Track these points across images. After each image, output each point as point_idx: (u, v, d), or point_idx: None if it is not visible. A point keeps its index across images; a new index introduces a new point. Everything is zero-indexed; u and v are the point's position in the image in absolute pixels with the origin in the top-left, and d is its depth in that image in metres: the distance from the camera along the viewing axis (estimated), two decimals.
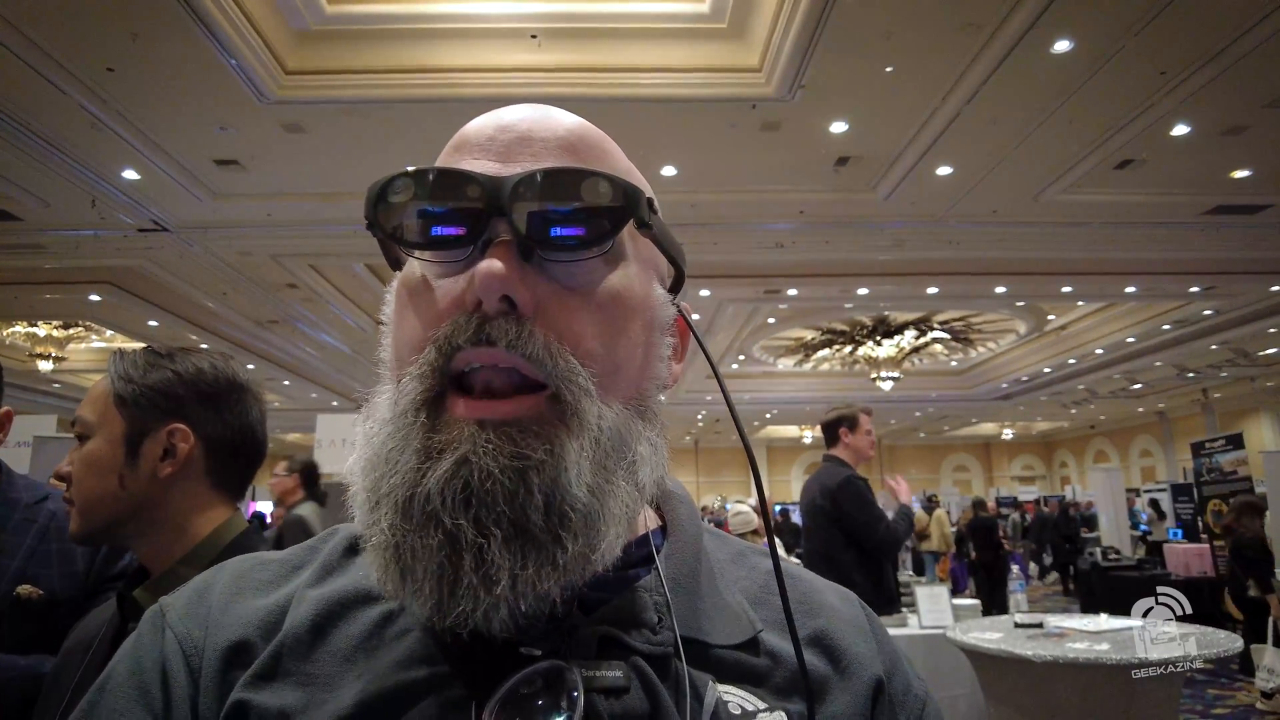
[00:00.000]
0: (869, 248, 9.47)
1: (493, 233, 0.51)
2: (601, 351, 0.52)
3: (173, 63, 5.50)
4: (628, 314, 0.55)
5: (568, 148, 0.56)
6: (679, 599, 0.56)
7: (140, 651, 0.56)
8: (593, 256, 0.53)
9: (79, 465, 1.21)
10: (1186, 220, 8.70)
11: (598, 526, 0.49)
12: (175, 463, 1.22)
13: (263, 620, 0.55)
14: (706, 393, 19.62)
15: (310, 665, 0.52)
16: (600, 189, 0.52)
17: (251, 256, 9.28)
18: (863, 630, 0.62)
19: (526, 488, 0.47)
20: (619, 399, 0.54)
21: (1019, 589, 4.42)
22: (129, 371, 1.23)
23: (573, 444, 0.49)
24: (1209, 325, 13.68)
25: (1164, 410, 23.55)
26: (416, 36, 5.80)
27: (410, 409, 0.50)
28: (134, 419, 1.21)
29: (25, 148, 6.47)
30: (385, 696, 0.49)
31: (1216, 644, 3.33)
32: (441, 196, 0.52)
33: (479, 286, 0.49)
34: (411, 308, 0.55)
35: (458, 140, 0.58)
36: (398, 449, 0.50)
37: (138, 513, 1.21)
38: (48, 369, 14.22)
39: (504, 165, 0.54)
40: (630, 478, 0.52)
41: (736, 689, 0.53)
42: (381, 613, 0.55)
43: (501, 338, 0.49)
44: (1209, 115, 6.48)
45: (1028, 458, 32.52)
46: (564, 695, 0.47)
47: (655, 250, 0.60)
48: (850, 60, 5.72)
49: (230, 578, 0.60)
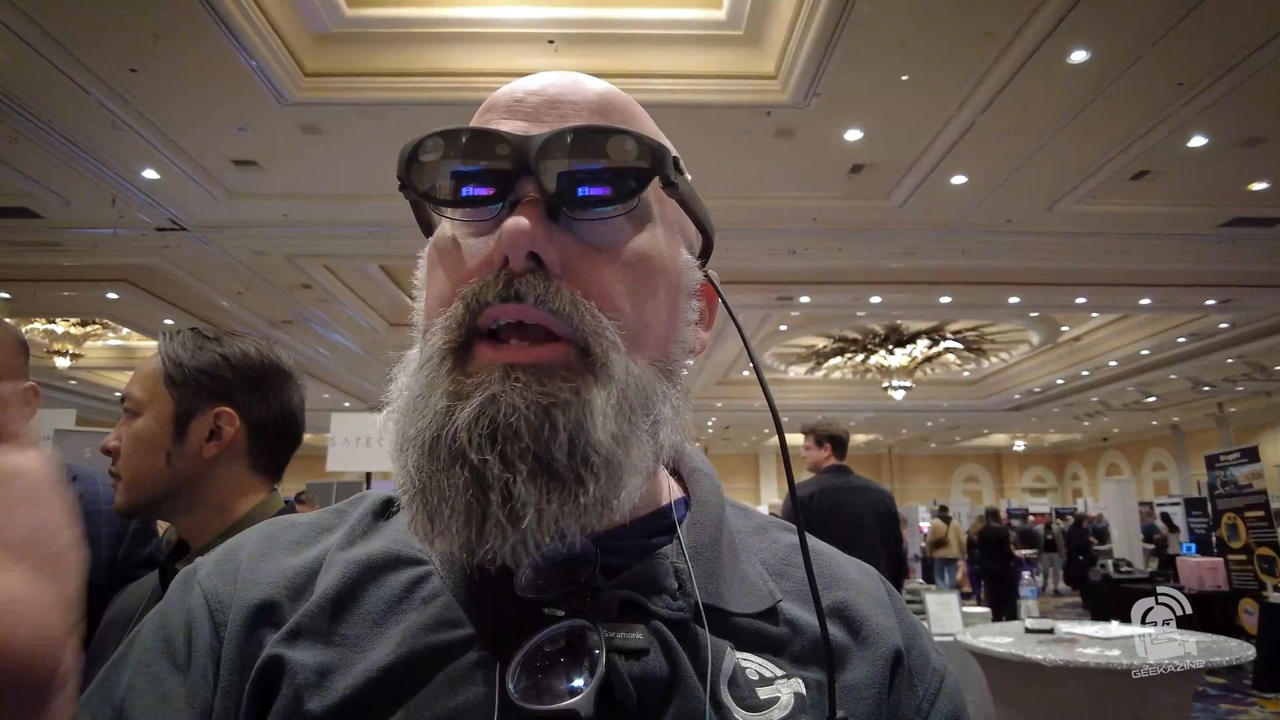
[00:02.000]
0: (882, 255, 9.45)
1: (520, 192, 0.52)
2: (628, 309, 0.53)
3: (194, 64, 5.57)
4: (654, 274, 0.56)
5: (596, 110, 0.57)
6: (700, 567, 0.57)
7: (169, 607, 0.58)
8: (619, 214, 0.53)
9: (128, 441, 1.24)
10: (1203, 232, 8.65)
11: (619, 474, 0.50)
12: (220, 444, 1.26)
13: (290, 580, 0.57)
14: (717, 399, 19.63)
15: (342, 626, 0.53)
16: (627, 147, 0.53)
17: (267, 256, 9.36)
18: (882, 603, 0.63)
19: (551, 424, 0.47)
20: (645, 358, 0.54)
21: (1030, 595, 4.41)
22: (179, 353, 1.27)
23: (600, 392, 0.50)
24: (1225, 338, 13.58)
25: (1178, 423, 23.36)
26: (434, 40, 5.86)
27: (437, 356, 0.51)
28: (183, 399, 1.25)
29: (47, 146, 6.56)
30: (414, 658, 0.50)
31: (1228, 651, 3.32)
32: (471, 155, 0.53)
33: (506, 243, 0.50)
34: (441, 267, 0.56)
35: (487, 103, 0.59)
36: (424, 395, 0.51)
37: (181, 490, 1.25)
38: (65, 365, 14.38)
39: (532, 126, 0.55)
40: (652, 434, 0.53)
41: (755, 656, 0.54)
42: (411, 576, 0.55)
43: (529, 293, 0.49)
44: (1227, 127, 6.45)
45: (1039, 469, 32.29)
46: (585, 655, 0.48)
47: (683, 216, 0.61)
48: (866, 68, 5.73)
49: (260, 538, 0.61)
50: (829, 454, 4.51)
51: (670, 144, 0.61)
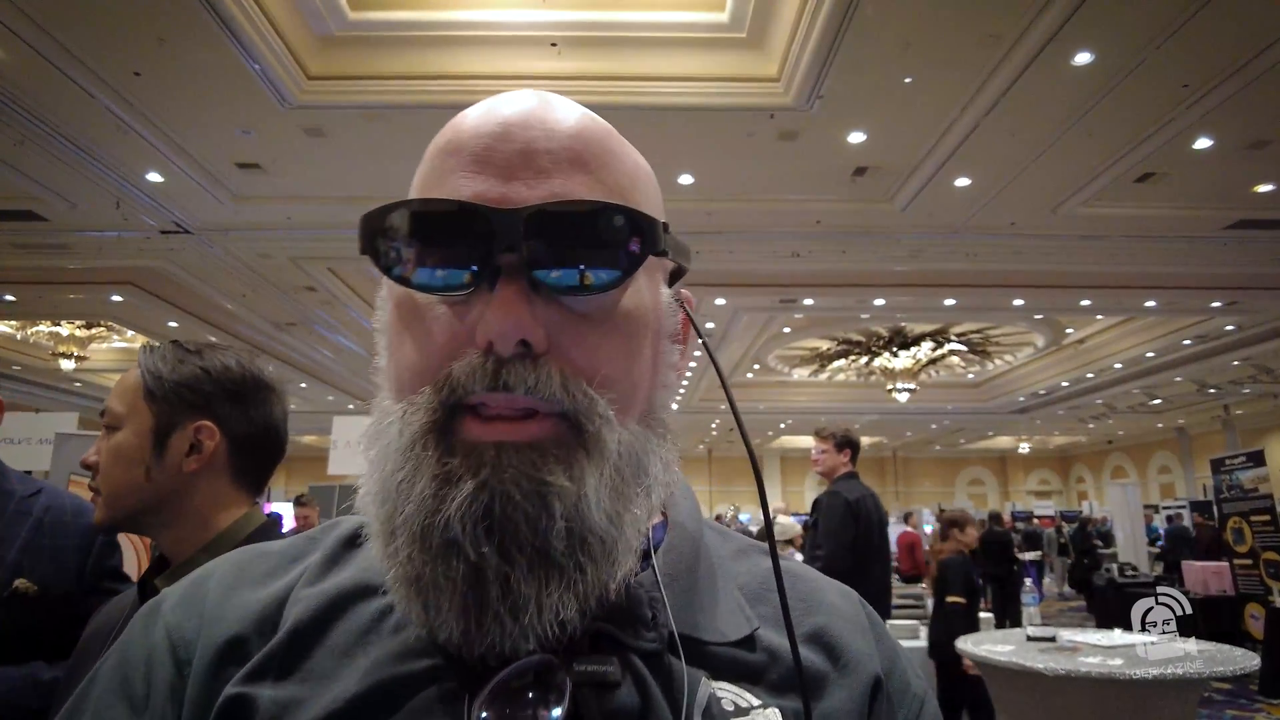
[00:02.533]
0: (886, 258, 9.44)
1: (499, 264, 0.48)
2: (619, 376, 0.51)
3: (198, 67, 5.59)
4: (641, 332, 0.54)
5: (574, 159, 0.52)
6: (675, 595, 0.55)
7: (129, 643, 0.56)
8: (606, 292, 0.50)
9: (107, 455, 1.23)
10: (1209, 234, 8.62)
11: (615, 554, 0.49)
12: (200, 458, 1.24)
13: (259, 615, 0.55)
14: (720, 401, 19.59)
15: (308, 661, 0.52)
16: (617, 224, 0.49)
17: (271, 259, 9.38)
18: (862, 627, 0.61)
19: (549, 514, 0.46)
20: (634, 418, 0.53)
21: (1032, 602, 4.38)
22: (159, 366, 1.25)
23: (593, 471, 0.48)
24: (1231, 341, 13.53)
25: (1184, 426, 23.28)
26: (438, 43, 5.86)
27: (418, 440, 0.48)
28: (162, 413, 1.24)
29: (53, 150, 6.59)
30: (380, 689, 0.49)
31: (1233, 661, 3.29)
32: (445, 234, 0.49)
33: (495, 334, 0.47)
34: (409, 332, 0.52)
35: (452, 143, 0.53)
36: (409, 479, 0.48)
37: (161, 504, 1.23)
38: (70, 368, 14.44)
39: (507, 185, 0.50)
40: (645, 501, 0.52)
41: (731, 685, 0.53)
42: (380, 606, 0.54)
43: (519, 384, 0.47)
44: (1232, 129, 6.43)
45: (1044, 472, 32.21)
46: (554, 689, 0.47)
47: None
48: (869, 71, 5.72)
49: (228, 569, 0.59)
50: (847, 460, 4.50)
51: (646, 167, 0.58)
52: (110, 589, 1.67)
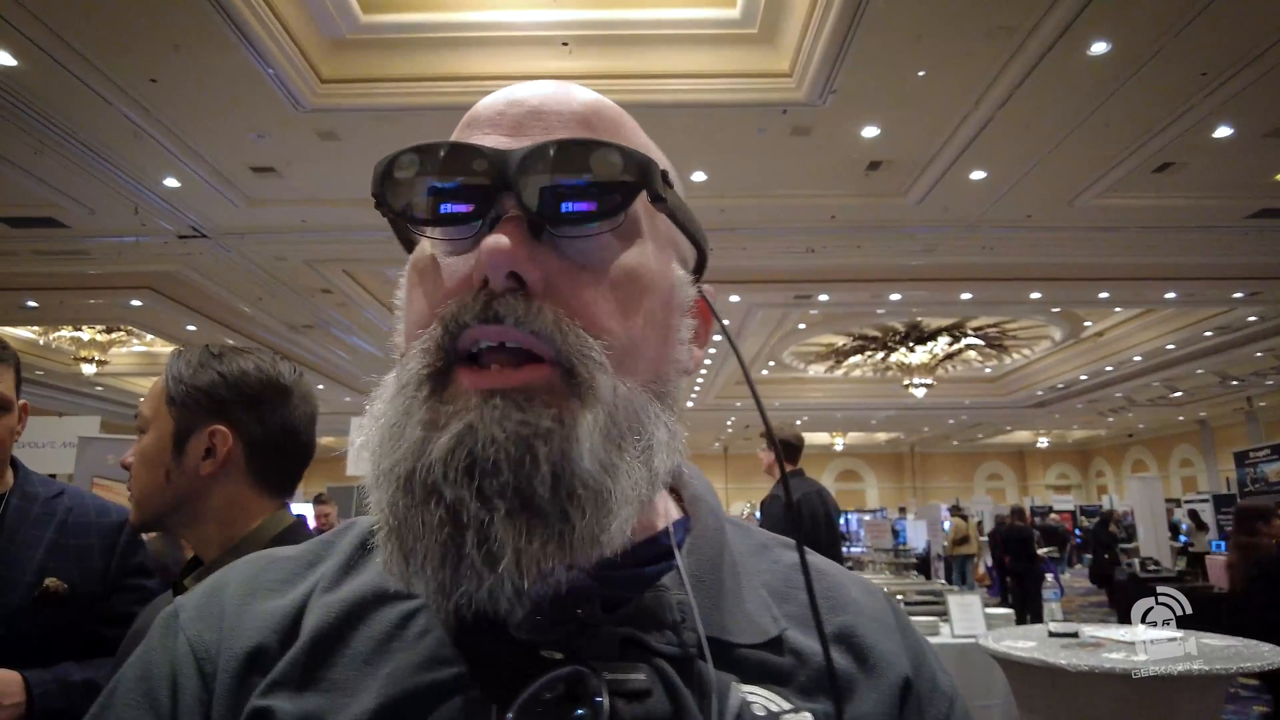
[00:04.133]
0: (901, 253, 9.39)
1: (501, 209, 0.50)
2: (616, 328, 0.51)
3: (212, 73, 5.63)
4: (643, 292, 0.53)
5: (581, 121, 0.54)
6: (701, 597, 0.55)
7: (150, 654, 0.55)
8: (604, 231, 0.51)
9: (136, 458, 1.28)
10: (1229, 224, 8.51)
11: (608, 505, 0.47)
12: (215, 462, 1.27)
13: (278, 624, 0.54)
14: (736, 399, 19.57)
15: (329, 670, 0.51)
16: (611, 160, 0.50)
17: (286, 262, 9.45)
18: (888, 626, 0.61)
19: (533, 457, 0.45)
20: (635, 379, 0.52)
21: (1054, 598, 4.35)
22: (181, 371, 1.29)
23: (586, 415, 0.47)
24: (1253, 332, 13.34)
25: (1205, 419, 23.00)
26: (449, 45, 5.88)
27: (413, 383, 0.49)
28: (181, 418, 1.27)
29: (72, 157, 6.66)
30: (404, 699, 0.48)
31: (1260, 658, 3.25)
32: (448, 172, 0.51)
33: (485, 263, 0.47)
34: (420, 287, 0.53)
35: (469, 117, 0.57)
36: (400, 423, 0.48)
37: (182, 506, 1.27)
38: (91, 372, 14.61)
39: (514, 139, 0.52)
40: (645, 460, 0.50)
41: (761, 689, 0.52)
42: (401, 613, 0.53)
43: (509, 314, 0.47)
44: (1252, 117, 6.34)
45: (1063, 466, 31.94)
46: (586, 700, 0.47)
47: (675, 230, 0.58)
48: (882, 64, 5.69)
49: (244, 577, 0.59)
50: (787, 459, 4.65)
51: (662, 156, 0.58)
52: (135, 585, 1.71)
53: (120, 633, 1.56)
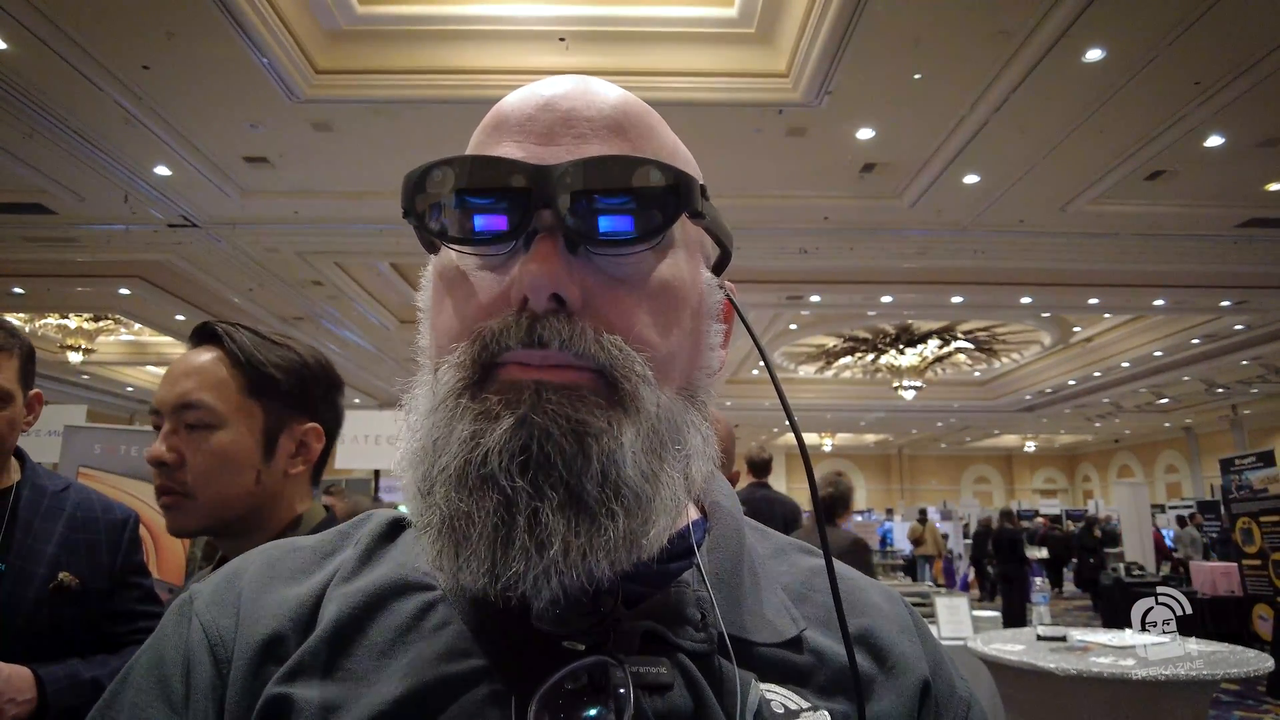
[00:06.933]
0: (893, 255, 9.41)
1: (537, 223, 0.49)
2: (656, 340, 0.51)
3: (207, 61, 5.59)
4: (678, 303, 0.53)
5: (614, 127, 0.53)
6: (722, 595, 0.55)
7: (163, 641, 0.55)
8: (643, 250, 0.51)
9: (209, 459, 1.09)
10: (1219, 233, 8.57)
11: (649, 511, 0.48)
12: (307, 461, 1.16)
13: (295, 612, 0.54)
14: (726, 398, 19.54)
15: (349, 660, 0.51)
16: (653, 179, 0.49)
17: (278, 253, 9.39)
18: (907, 629, 0.61)
19: (585, 454, 0.46)
20: (672, 388, 0.52)
21: (1042, 601, 4.37)
22: (268, 358, 1.15)
23: (630, 427, 0.47)
24: (1240, 340, 13.46)
25: (1191, 426, 23.19)
26: (446, 38, 5.85)
27: (451, 396, 0.49)
28: (272, 413, 1.14)
29: (62, 143, 6.60)
30: (424, 690, 0.48)
31: (1245, 663, 3.28)
32: (483, 187, 0.49)
33: (528, 286, 0.47)
34: (450, 298, 0.53)
35: (495, 118, 0.55)
36: (445, 432, 0.48)
37: (258, 510, 1.14)
38: (77, 360, 14.48)
39: (546, 148, 0.51)
40: (682, 469, 0.51)
41: (779, 688, 0.52)
42: (419, 604, 0.53)
43: (554, 338, 0.47)
44: (1244, 126, 6.38)
45: (1050, 470, 32.14)
46: (609, 692, 0.46)
47: (702, 232, 0.58)
48: (878, 67, 5.69)
49: (261, 565, 0.58)
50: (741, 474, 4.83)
51: (687, 153, 0.58)
52: (136, 583, 1.69)
53: (122, 630, 1.54)
